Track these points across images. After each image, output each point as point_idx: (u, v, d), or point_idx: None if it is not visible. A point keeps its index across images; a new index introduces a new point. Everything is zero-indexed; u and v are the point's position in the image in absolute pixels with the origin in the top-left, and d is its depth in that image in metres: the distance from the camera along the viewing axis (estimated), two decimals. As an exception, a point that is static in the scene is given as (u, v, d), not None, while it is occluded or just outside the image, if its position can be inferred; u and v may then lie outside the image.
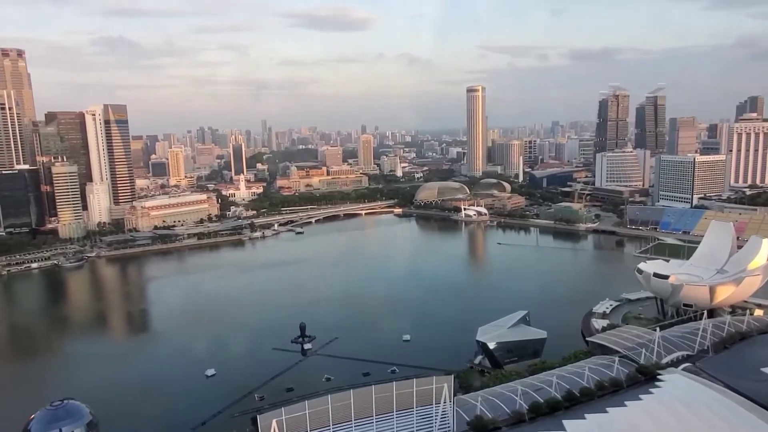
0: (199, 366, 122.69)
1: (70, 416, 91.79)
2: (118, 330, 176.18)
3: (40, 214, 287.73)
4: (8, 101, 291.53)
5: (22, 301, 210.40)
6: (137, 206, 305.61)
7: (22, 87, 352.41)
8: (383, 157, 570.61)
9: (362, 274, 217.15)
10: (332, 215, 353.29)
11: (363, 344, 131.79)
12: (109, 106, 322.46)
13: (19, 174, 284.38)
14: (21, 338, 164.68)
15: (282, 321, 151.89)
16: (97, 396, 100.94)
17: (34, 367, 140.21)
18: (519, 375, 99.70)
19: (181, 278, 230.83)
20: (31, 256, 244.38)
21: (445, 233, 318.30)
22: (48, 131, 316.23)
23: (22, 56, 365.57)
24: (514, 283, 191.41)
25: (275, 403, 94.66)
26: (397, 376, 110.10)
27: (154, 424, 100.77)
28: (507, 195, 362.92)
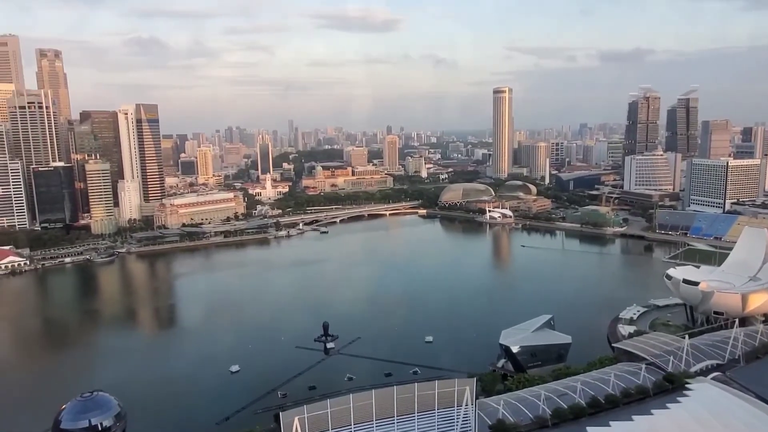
0: (224, 362, 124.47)
1: (99, 407, 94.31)
2: (146, 325, 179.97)
3: (73, 210, 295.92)
4: (45, 100, 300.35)
5: (55, 295, 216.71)
6: (166, 204, 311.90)
7: (58, 86, 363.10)
8: (408, 158, 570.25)
9: (386, 275, 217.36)
10: (357, 215, 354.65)
11: (385, 344, 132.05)
12: (141, 105, 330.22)
13: (55, 171, 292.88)
14: (54, 331, 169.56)
15: (305, 319, 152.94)
16: (124, 388, 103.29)
17: (65, 358, 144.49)
18: (542, 380, 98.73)
19: (207, 275, 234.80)
20: (64, 251, 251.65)
21: (469, 235, 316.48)
22: (82, 130, 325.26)
23: (59, 57, 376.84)
24: (539, 287, 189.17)
25: (298, 401, 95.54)
26: (419, 377, 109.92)
27: (179, 417, 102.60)
28: (533, 197, 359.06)
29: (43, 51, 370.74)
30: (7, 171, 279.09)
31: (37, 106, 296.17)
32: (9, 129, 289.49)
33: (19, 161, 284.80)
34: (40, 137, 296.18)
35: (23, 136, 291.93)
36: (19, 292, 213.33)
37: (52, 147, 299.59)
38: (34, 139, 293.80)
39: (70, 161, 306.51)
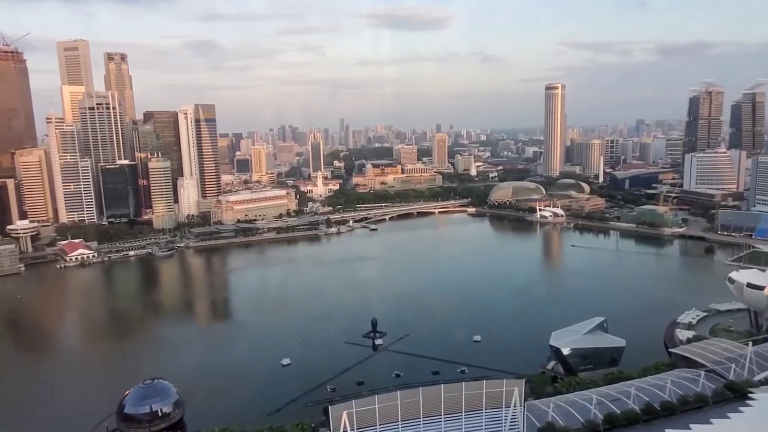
0: (276, 355, 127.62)
1: (159, 394, 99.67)
2: (202, 316, 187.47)
3: (137, 205, 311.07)
4: (113, 101, 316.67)
5: (120, 286, 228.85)
6: (222, 200, 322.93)
7: (124, 88, 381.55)
8: (457, 156, 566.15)
9: (434, 273, 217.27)
10: (406, 213, 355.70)
11: (433, 342, 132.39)
12: (199, 105, 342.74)
13: (121, 169, 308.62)
14: (119, 320, 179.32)
15: (354, 315, 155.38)
16: (182, 377, 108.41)
17: (128, 346, 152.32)
18: (594, 384, 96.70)
19: (260, 270, 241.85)
20: (128, 245, 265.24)
21: (518, 234, 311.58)
22: (145, 129, 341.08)
23: (125, 60, 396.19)
24: (591, 288, 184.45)
25: (346, 395, 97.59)
26: (466, 376, 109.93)
27: (233, 406, 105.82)
28: (585, 196, 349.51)
29: (111, 54, 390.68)
30: (78, 169, 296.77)
31: (105, 106, 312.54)
32: (80, 129, 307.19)
33: (89, 159, 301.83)
34: (108, 136, 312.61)
35: (92, 136, 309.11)
36: (88, 282, 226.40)
37: (119, 146, 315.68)
38: (102, 139, 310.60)
39: (135, 159, 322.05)
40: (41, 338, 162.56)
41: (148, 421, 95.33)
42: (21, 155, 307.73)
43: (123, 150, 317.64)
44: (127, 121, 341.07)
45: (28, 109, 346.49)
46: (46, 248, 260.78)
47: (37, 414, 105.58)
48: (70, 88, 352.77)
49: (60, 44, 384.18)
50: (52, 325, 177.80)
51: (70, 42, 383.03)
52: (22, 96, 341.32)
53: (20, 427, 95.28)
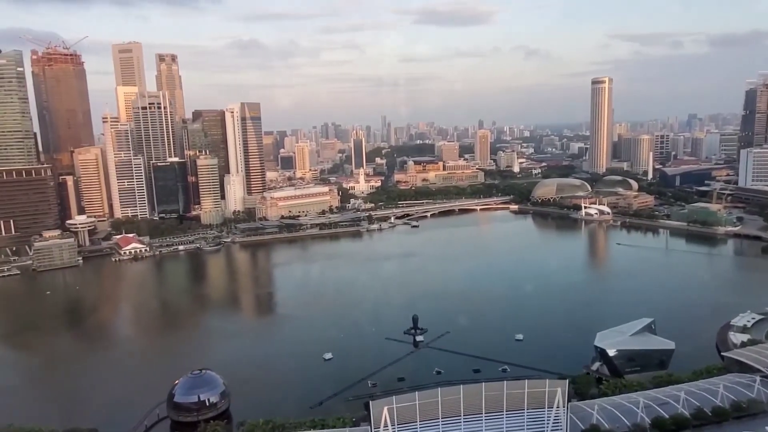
0: (318, 349, 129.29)
1: (207, 384, 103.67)
2: (247, 310, 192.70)
3: (186, 201, 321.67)
4: (164, 101, 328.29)
5: (170, 279, 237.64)
6: (267, 197, 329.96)
7: (174, 88, 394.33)
8: (500, 153, 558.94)
9: (475, 270, 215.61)
10: (447, 210, 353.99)
11: (474, 340, 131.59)
12: (245, 104, 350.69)
13: (171, 166, 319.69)
14: (169, 311, 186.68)
15: (395, 312, 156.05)
16: (227, 368, 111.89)
17: (178, 337, 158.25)
18: (641, 386, 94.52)
19: (303, 266, 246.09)
20: (178, 240, 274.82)
21: (563, 232, 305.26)
22: (194, 128, 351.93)
23: (175, 61, 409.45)
24: (638, 288, 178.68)
25: (387, 391, 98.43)
26: (508, 375, 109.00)
27: (276, 398, 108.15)
28: (633, 193, 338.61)
29: (162, 56, 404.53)
30: (132, 166, 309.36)
31: (157, 106, 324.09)
32: (133, 128, 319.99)
33: (141, 157, 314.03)
34: (159, 135, 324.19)
35: (145, 134, 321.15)
36: (141, 275, 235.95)
37: (169, 144, 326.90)
38: (153, 137, 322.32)
39: (184, 157, 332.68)
40: (98, 328, 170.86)
41: (196, 410, 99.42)
42: (79, 153, 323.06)
43: (173, 148, 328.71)
44: (177, 119, 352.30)
45: (86, 109, 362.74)
46: (102, 242, 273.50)
47: (93, 401, 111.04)
48: (124, 88, 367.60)
49: (115, 46, 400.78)
50: (108, 315, 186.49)
51: (124, 44, 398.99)
52: (81, 97, 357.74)
53: (77, 413, 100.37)
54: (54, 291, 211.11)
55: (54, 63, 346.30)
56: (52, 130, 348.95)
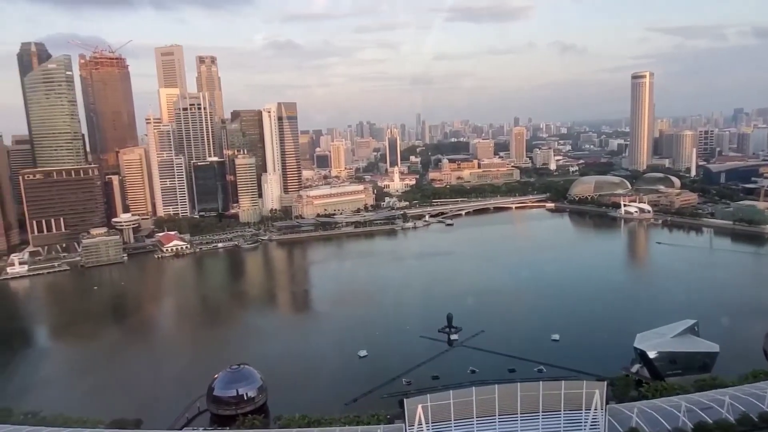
0: (353, 346, 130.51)
1: (245, 379, 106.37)
2: (284, 307, 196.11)
3: (225, 200, 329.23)
4: (204, 102, 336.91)
5: (210, 276, 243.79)
6: (303, 195, 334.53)
7: (214, 89, 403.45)
8: (536, 150, 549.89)
9: (511, 269, 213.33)
10: (482, 208, 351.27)
11: (509, 340, 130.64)
12: (282, 104, 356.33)
13: (211, 165, 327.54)
14: (208, 307, 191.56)
15: (429, 310, 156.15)
16: (265, 363, 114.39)
17: (217, 332, 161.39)
18: (683, 390, 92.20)
19: (339, 263, 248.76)
20: (217, 237, 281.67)
21: (601, 230, 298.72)
22: (233, 128, 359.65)
23: (214, 62, 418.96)
24: (680, 288, 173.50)
25: (421, 389, 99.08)
26: (544, 375, 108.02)
27: (312, 394, 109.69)
28: (675, 191, 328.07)
29: (202, 58, 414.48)
30: (173, 166, 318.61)
31: (197, 107, 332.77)
32: (175, 128, 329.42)
33: (183, 157, 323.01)
34: (199, 135, 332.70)
35: (186, 135, 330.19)
36: (182, 272, 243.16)
37: (209, 144, 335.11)
38: (194, 137, 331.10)
39: (223, 156, 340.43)
40: (142, 322, 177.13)
41: (234, 404, 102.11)
42: (124, 154, 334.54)
43: (213, 147, 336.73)
44: (217, 120, 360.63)
45: (130, 111, 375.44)
46: (146, 239, 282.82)
47: (137, 392, 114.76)
48: (167, 90, 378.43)
49: (157, 50, 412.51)
50: (151, 310, 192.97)
51: (166, 47, 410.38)
52: (125, 99, 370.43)
53: (122, 404, 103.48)
54: (101, 286, 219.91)
55: (100, 67, 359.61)
56: (98, 132, 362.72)
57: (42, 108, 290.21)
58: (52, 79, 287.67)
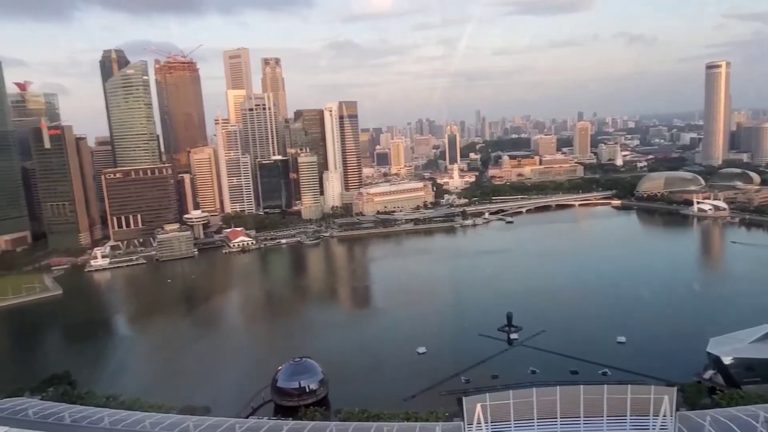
0: (412, 343, 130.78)
1: (307, 372, 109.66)
2: (344, 302, 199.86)
3: (288, 197, 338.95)
4: (268, 102, 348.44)
5: (273, 270, 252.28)
6: (363, 193, 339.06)
7: (278, 90, 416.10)
8: (601, 145, 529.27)
9: (573, 268, 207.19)
10: (543, 205, 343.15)
11: (572, 341, 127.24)
12: (343, 103, 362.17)
13: (275, 164, 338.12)
14: (272, 301, 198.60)
15: (488, 308, 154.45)
16: (325, 357, 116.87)
17: (280, 325, 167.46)
18: (762, 399, 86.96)
19: (398, 260, 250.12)
20: (281, 234, 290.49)
21: (671, 229, 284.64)
22: (296, 127, 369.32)
23: (278, 64, 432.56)
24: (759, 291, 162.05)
25: (480, 388, 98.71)
26: (608, 379, 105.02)
27: (371, 388, 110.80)
28: (755, 187, 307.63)
29: (267, 59, 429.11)
30: (240, 164, 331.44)
31: (262, 107, 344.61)
32: (241, 128, 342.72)
33: (249, 156, 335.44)
34: (264, 135, 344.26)
35: (251, 134, 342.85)
36: (248, 266, 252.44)
37: (273, 143, 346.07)
38: (259, 137, 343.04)
39: (286, 155, 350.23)
40: (210, 314, 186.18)
41: (297, 396, 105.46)
42: (195, 153, 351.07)
43: (277, 146, 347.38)
44: (280, 119, 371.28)
45: (200, 112, 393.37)
46: (214, 235, 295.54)
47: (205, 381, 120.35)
48: (234, 92, 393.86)
49: (225, 53, 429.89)
50: (219, 302, 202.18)
51: (234, 50, 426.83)
52: (196, 101, 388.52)
53: (189, 393, 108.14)
54: (173, 279, 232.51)
55: (173, 71, 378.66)
56: (171, 132, 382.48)
57: (121, 111, 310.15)
58: (131, 84, 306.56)
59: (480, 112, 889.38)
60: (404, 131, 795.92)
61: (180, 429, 67.13)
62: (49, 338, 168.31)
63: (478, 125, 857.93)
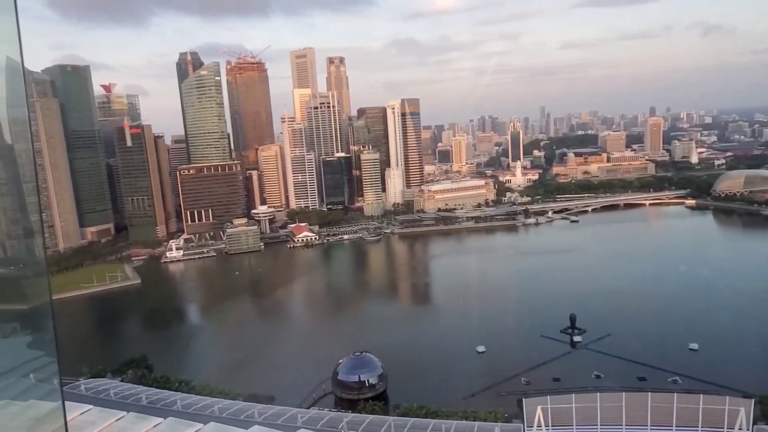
0: (471, 341, 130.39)
1: (367, 366, 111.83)
2: (404, 298, 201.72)
3: (350, 194, 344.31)
4: (332, 101, 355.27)
5: (335, 265, 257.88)
6: (425, 190, 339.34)
7: (342, 88, 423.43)
8: (674, 142, 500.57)
9: (642, 270, 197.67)
10: (611, 204, 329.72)
11: (639, 346, 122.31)
12: (405, 100, 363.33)
13: (338, 161, 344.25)
14: (333, 295, 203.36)
15: (550, 309, 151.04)
16: (385, 352, 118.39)
17: (341, 319, 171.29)
18: None
19: (458, 258, 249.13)
20: (343, 230, 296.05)
21: (751, 231, 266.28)
22: (359, 124, 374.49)
23: (343, 62, 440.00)
24: None
25: (541, 390, 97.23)
26: (678, 387, 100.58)
27: (429, 385, 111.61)
28: None
29: (332, 58, 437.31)
30: (305, 161, 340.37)
31: (327, 106, 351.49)
32: (306, 126, 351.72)
33: (313, 153, 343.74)
34: (328, 132, 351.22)
35: (316, 132, 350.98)
36: (311, 261, 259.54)
37: (337, 140, 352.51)
38: (323, 134, 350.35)
39: (349, 152, 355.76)
40: (275, 306, 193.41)
41: (357, 389, 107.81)
42: (262, 150, 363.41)
43: (340, 144, 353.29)
44: (344, 117, 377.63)
45: (268, 111, 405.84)
46: (280, 230, 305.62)
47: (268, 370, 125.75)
48: (300, 90, 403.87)
49: (292, 53, 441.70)
50: (283, 295, 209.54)
51: (300, 50, 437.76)
52: (264, 100, 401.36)
53: (254, 382, 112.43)
54: (241, 271, 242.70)
55: (243, 71, 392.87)
56: (241, 130, 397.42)
57: (195, 110, 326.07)
58: (204, 84, 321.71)
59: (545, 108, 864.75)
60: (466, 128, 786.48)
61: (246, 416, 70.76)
62: (129, 323, 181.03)
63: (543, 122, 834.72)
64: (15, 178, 15.92)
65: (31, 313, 15.55)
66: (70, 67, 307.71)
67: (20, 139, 15.86)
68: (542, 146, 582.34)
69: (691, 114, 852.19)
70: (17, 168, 15.61)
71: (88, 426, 48.31)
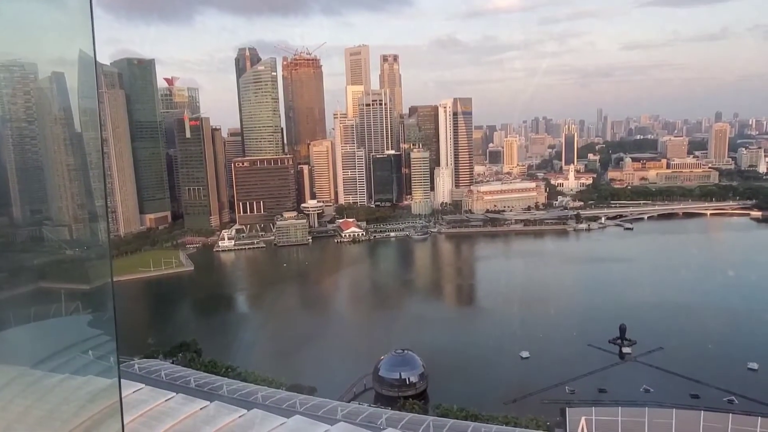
0: (515, 346, 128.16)
1: (408, 364, 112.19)
2: (448, 298, 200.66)
3: (399, 192, 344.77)
4: (384, 98, 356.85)
5: (381, 262, 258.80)
6: (474, 190, 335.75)
7: (394, 86, 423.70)
8: (741, 150, 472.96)
9: (700, 283, 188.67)
10: (668, 213, 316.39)
11: (693, 362, 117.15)
12: (458, 99, 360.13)
13: (388, 158, 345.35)
14: (378, 291, 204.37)
15: (599, 319, 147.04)
16: (426, 351, 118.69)
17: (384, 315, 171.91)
18: None
19: (505, 260, 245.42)
20: (390, 227, 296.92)
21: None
22: (410, 122, 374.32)
23: (396, 60, 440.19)
24: None
25: (586, 400, 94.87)
26: (735, 407, 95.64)
27: (471, 388, 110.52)
28: None
29: (385, 56, 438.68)
30: (355, 158, 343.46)
31: (379, 103, 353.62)
32: (358, 123, 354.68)
33: (363, 150, 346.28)
34: (379, 130, 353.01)
35: (367, 129, 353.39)
36: (357, 256, 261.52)
37: (387, 138, 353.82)
38: (374, 131, 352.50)
39: (399, 150, 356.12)
40: (320, 298, 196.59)
41: (397, 387, 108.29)
42: (314, 146, 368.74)
43: (391, 141, 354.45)
44: (396, 115, 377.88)
45: (321, 107, 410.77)
46: (328, 225, 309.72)
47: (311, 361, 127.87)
48: (353, 87, 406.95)
49: (347, 50, 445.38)
50: (329, 289, 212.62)
51: (355, 48, 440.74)
52: (318, 96, 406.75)
53: (296, 375, 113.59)
54: (289, 263, 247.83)
55: (299, 67, 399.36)
56: (294, 125, 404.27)
57: (251, 105, 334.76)
58: (260, 80, 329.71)
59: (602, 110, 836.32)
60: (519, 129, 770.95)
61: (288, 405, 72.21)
62: (181, 308, 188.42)
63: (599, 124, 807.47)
64: (83, 165, 16.78)
65: (93, 293, 16.24)
66: (136, 60, 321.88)
67: (89, 127, 16.66)
68: (598, 150, 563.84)
69: (761, 121, 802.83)
70: (85, 155, 16.45)
71: (139, 404, 50.60)
